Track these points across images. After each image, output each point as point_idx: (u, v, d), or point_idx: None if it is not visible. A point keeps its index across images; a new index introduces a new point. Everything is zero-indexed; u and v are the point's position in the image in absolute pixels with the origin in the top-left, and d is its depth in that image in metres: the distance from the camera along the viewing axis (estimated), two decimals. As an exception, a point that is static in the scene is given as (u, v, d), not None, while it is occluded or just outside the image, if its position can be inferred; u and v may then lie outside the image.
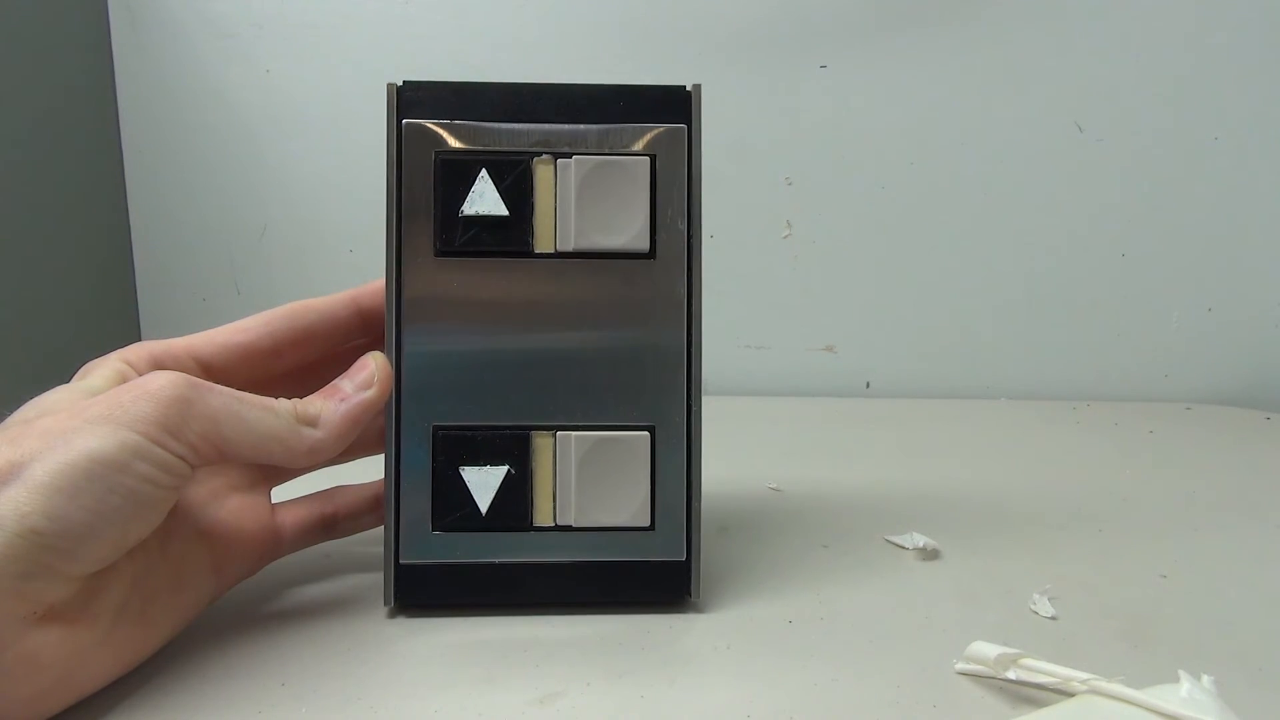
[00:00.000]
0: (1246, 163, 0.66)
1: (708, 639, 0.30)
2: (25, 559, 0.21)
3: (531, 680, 0.27)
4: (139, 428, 0.23)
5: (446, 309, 0.30)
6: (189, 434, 0.24)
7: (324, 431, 0.27)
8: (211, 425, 0.25)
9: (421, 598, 0.31)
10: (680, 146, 0.31)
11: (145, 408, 0.23)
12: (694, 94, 0.31)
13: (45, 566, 0.22)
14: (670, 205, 0.31)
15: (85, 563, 0.23)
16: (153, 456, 0.23)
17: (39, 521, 0.21)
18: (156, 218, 0.66)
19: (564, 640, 0.29)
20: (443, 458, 0.30)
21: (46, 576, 0.22)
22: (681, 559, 0.31)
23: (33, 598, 0.22)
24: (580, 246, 0.31)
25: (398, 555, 0.30)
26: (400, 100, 0.30)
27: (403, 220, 0.30)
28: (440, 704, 0.26)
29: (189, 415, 0.24)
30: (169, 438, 0.24)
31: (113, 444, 0.22)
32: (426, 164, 0.30)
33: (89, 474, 0.22)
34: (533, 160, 0.30)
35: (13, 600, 0.21)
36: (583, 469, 0.31)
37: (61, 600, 0.22)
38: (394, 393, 0.30)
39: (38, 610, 0.22)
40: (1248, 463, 0.52)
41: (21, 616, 0.21)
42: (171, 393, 0.24)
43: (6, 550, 0.21)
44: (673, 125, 0.31)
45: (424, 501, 0.30)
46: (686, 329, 0.31)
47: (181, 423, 0.24)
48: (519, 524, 0.31)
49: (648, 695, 0.26)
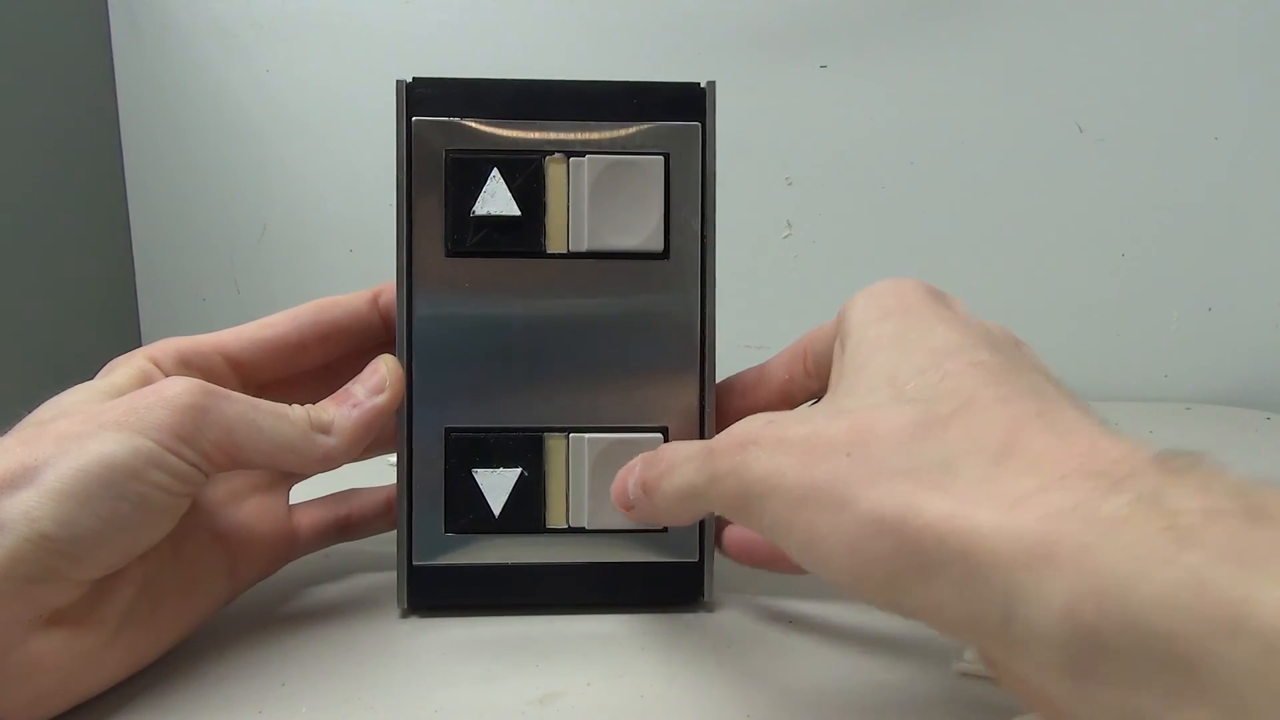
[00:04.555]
0: (1246, 163, 0.66)
1: (708, 639, 0.30)
2: (33, 563, 0.21)
3: (531, 680, 0.27)
4: (153, 435, 0.23)
5: (457, 309, 0.30)
6: (203, 442, 0.24)
7: (337, 439, 0.27)
8: (226, 434, 0.25)
9: (435, 600, 0.31)
10: (694, 145, 0.30)
11: (160, 415, 0.23)
12: (708, 91, 0.30)
13: (53, 571, 0.21)
14: (684, 205, 0.31)
15: (94, 568, 0.23)
16: (166, 464, 0.23)
17: (49, 527, 0.21)
18: (156, 218, 0.66)
19: (564, 640, 0.29)
20: (455, 460, 0.30)
21: (53, 581, 0.22)
22: (694, 560, 0.31)
23: (38, 601, 0.22)
24: (593, 247, 0.30)
25: (411, 557, 0.30)
26: (410, 97, 0.30)
27: (413, 220, 0.30)
28: (440, 703, 0.26)
29: (204, 423, 0.24)
30: (183, 445, 0.24)
31: (126, 450, 0.22)
32: (437, 162, 0.30)
33: (101, 480, 0.22)
34: (544, 159, 0.30)
35: (18, 604, 0.21)
36: (595, 472, 0.30)
37: (67, 604, 0.22)
38: (407, 397, 0.30)
39: (42, 614, 0.22)
40: (1248, 463, 0.52)
41: (26, 620, 0.21)
42: (187, 400, 0.24)
43: (14, 553, 0.21)
44: (687, 123, 0.30)
45: (436, 504, 0.30)
46: (700, 330, 0.31)
47: (196, 431, 0.24)
48: (532, 526, 0.30)
49: (648, 695, 0.26)
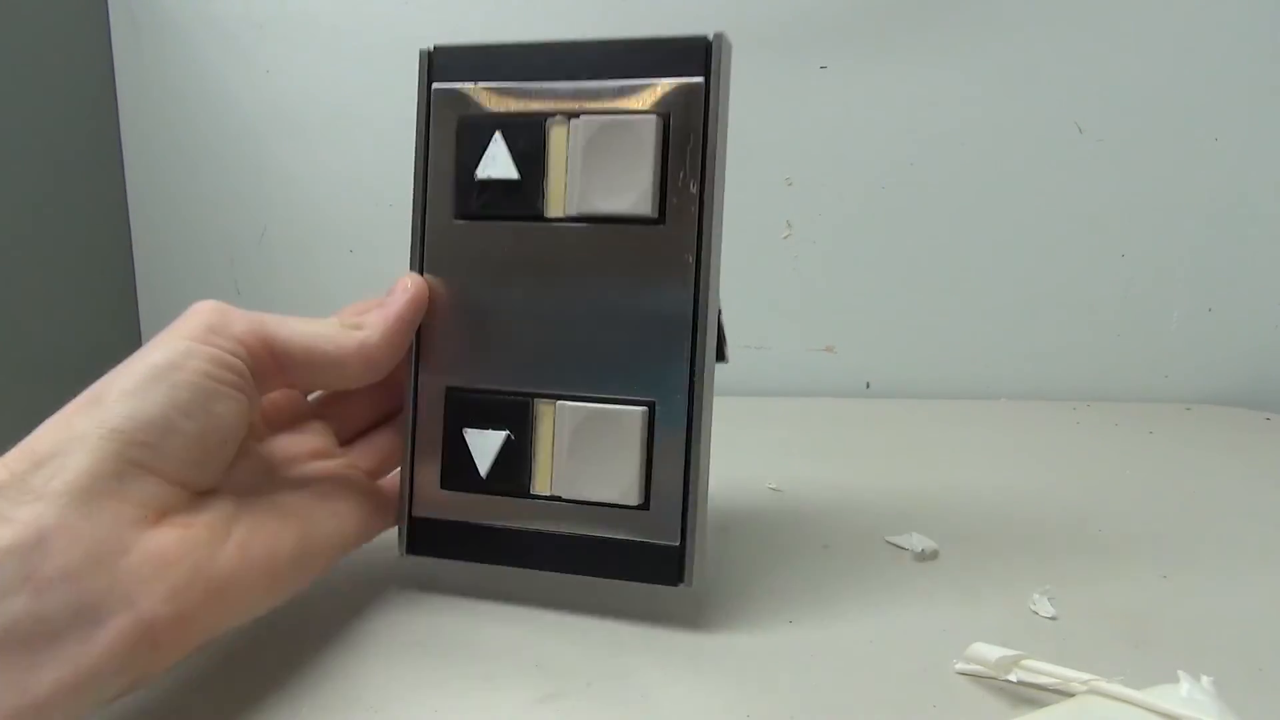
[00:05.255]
0: (1246, 163, 0.66)
1: (708, 639, 0.30)
2: (115, 458, 0.22)
3: (531, 680, 0.27)
4: (188, 335, 0.26)
5: (463, 271, 0.31)
6: (234, 330, 0.26)
7: (370, 330, 0.29)
8: (256, 323, 0.27)
9: (431, 549, 0.32)
10: (696, 103, 0.29)
11: (190, 321, 0.26)
12: (715, 44, 0.29)
13: (136, 464, 0.23)
14: (683, 168, 0.29)
15: (175, 460, 0.24)
16: (203, 354, 0.25)
17: (117, 421, 0.23)
18: (156, 218, 0.66)
19: (564, 640, 0.29)
20: (452, 418, 0.31)
21: (141, 477, 0.23)
22: (675, 544, 0.29)
23: (135, 500, 0.23)
24: (582, 210, 0.30)
25: (411, 509, 0.31)
26: (431, 65, 0.31)
27: (427, 182, 0.31)
28: (440, 703, 0.26)
29: (231, 317, 0.27)
30: (214, 335, 0.26)
31: (165, 351, 0.25)
32: (451, 128, 0.31)
33: (151, 377, 0.24)
34: (547, 121, 0.30)
35: (117, 503, 0.22)
36: (575, 441, 0.30)
37: (168, 504, 0.24)
38: (414, 351, 0.31)
39: (145, 513, 0.23)
40: (1248, 463, 0.52)
41: (132, 520, 0.22)
42: (211, 305, 0.27)
43: (96, 453, 0.22)
44: (689, 79, 0.29)
45: (436, 460, 0.31)
46: (694, 300, 0.29)
47: (224, 324, 0.26)
48: (517, 490, 0.31)
49: (648, 695, 0.26)
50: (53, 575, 0.21)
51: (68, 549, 0.21)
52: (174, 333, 0.26)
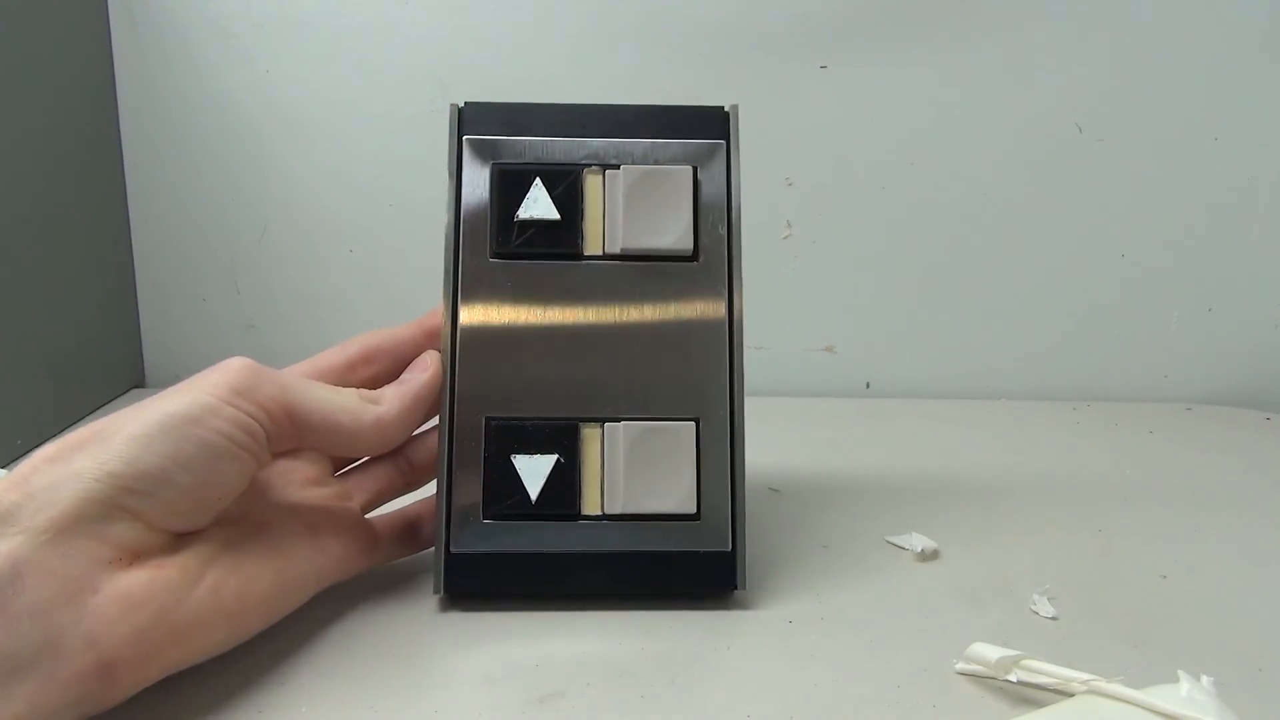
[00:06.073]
0: (1246, 163, 0.66)
1: (707, 639, 0.30)
2: (104, 502, 0.23)
3: (531, 680, 0.27)
4: (211, 391, 0.26)
5: (500, 307, 0.32)
6: (259, 395, 0.26)
7: (387, 405, 0.30)
8: (281, 390, 0.27)
9: (470, 586, 0.31)
10: (720, 160, 0.34)
11: (218, 377, 0.26)
12: (731, 114, 0.34)
13: (124, 509, 0.23)
14: (711, 212, 0.33)
15: (165, 510, 0.24)
16: (225, 414, 0.25)
17: (116, 465, 0.23)
18: (156, 218, 0.66)
19: (564, 640, 0.29)
20: (495, 447, 0.32)
21: (126, 521, 0.23)
22: (727, 550, 0.32)
23: (113, 541, 0.23)
24: (627, 247, 0.33)
25: (449, 544, 0.31)
26: (462, 119, 0.33)
27: (460, 226, 0.33)
28: (440, 703, 0.26)
29: (259, 380, 0.27)
30: (239, 398, 0.26)
31: (186, 403, 0.25)
32: (484, 175, 0.33)
33: (164, 426, 0.24)
34: (583, 170, 0.33)
35: (95, 544, 0.22)
36: (630, 456, 0.31)
37: (145, 548, 0.24)
38: (449, 386, 0.32)
39: (120, 555, 0.23)
40: (1248, 463, 0.52)
41: (106, 561, 0.23)
42: (242, 364, 0.27)
43: (85, 494, 0.22)
44: (713, 140, 0.34)
45: (475, 492, 0.31)
46: (729, 327, 0.33)
47: (251, 387, 0.26)
48: (568, 512, 0.31)
49: (648, 695, 0.26)
50: (22, 611, 0.21)
51: (40, 585, 0.21)
52: (200, 386, 0.26)
